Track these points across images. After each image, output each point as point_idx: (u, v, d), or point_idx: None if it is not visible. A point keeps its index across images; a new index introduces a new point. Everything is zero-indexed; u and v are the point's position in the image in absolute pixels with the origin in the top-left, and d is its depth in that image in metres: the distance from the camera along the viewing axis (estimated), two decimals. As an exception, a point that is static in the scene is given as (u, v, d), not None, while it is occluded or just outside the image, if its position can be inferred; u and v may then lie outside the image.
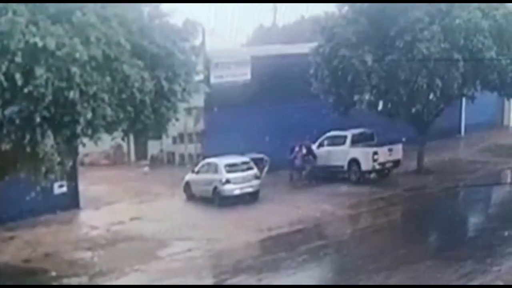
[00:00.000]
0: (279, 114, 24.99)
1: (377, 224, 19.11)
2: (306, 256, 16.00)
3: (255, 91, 24.63)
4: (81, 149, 15.86)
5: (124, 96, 14.05)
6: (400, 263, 14.90)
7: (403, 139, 23.69)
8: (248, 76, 25.34)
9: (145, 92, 14.28)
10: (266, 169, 23.05)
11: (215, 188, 21.37)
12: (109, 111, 13.84)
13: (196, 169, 22.76)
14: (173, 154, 30.88)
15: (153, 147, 30.83)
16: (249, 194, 21.41)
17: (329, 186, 22.87)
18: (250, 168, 21.68)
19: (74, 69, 12.92)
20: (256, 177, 21.69)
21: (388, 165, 23.30)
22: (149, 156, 31.58)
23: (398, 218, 20.52)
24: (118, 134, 15.33)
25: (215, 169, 21.68)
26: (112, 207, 22.46)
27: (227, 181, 21.10)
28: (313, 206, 20.44)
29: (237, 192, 21.14)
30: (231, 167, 21.32)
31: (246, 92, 24.56)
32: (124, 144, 29.55)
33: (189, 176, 22.82)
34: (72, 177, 20.75)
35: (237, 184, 21.12)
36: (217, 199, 21.28)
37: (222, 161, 21.57)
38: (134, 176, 28.13)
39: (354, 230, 18.89)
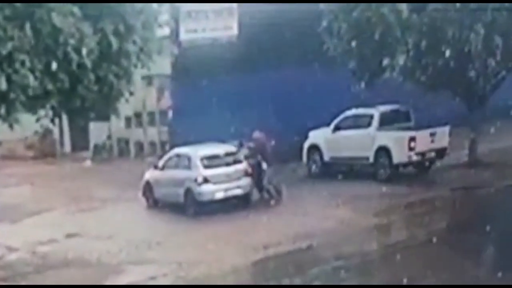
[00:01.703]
0: (278, 86, 25.03)
1: (414, 237, 18.98)
2: (318, 283, 15.85)
3: (244, 52, 24.70)
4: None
5: (53, 58, 13.57)
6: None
7: (450, 121, 23.64)
8: (235, 31, 25.25)
9: (85, 53, 13.87)
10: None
11: (188, 190, 21.39)
12: (31, 80, 13.37)
13: (161, 163, 22.67)
14: (126, 142, 30.95)
15: (97, 132, 30.76)
16: (237, 198, 21.37)
17: (348, 185, 22.77)
18: (237, 162, 21.68)
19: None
20: (247, 174, 21.57)
21: (429, 155, 23.32)
22: (91, 146, 31.58)
23: (444, 230, 20.07)
24: (45, 113, 14.64)
25: (187, 163, 21.67)
26: (38, 218, 22.49)
27: (205, 180, 21.06)
28: (326, 213, 20.40)
29: (219, 195, 21.14)
30: (211, 160, 21.35)
31: (231, 54, 24.56)
32: (55, 129, 29.07)
33: (151, 174, 22.78)
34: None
35: (220, 184, 21.14)
36: (191, 206, 21.35)
37: (197, 152, 21.55)
38: (70, 173, 28.14)
39: (383, 246, 18.63)
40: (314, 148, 24.55)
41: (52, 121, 16.58)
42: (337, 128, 24.21)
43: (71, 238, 20.19)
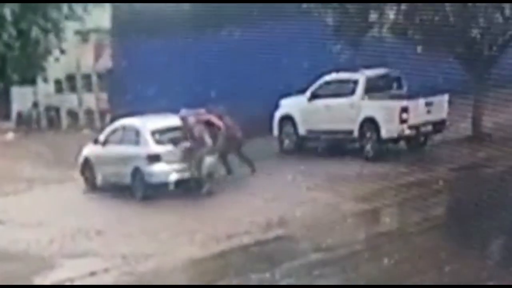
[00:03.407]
0: (241, 43, 24.77)
1: (407, 226, 19.07)
2: (291, 281, 15.91)
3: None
4: None
5: None
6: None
7: (449, 88, 23.42)
8: None
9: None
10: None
11: (135, 170, 21.49)
12: None
13: (102, 137, 22.76)
14: (57, 110, 30.87)
15: (21, 99, 30.52)
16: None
17: (328, 164, 22.77)
18: None
19: None
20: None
21: (425, 128, 23.30)
22: (14, 115, 31.35)
23: (442, 216, 20.26)
24: None
25: (135, 137, 21.84)
26: None
27: (157, 158, 21.03)
28: (302, 197, 20.26)
29: (173, 177, 21.07)
30: (164, 134, 21.48)
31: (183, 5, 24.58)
32: None
33: (91, 150, 22.93)
34: None
35: (174, 163, 21.10)
36: (139, 189, 21.42)
37: (147, 124, 21.68)
38: None
39: (370, 236, 18.57)
40: (287, 119, 24.55)
41: (-35, 84, 16.06)
42: (314, 96, 24.15)
43: (-9, 226, 20.07)
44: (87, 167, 22.62)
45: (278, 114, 24.59)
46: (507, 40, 23.50)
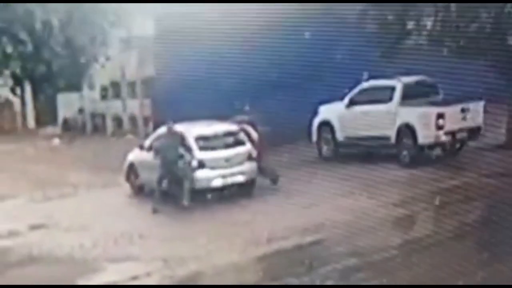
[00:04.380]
0: (282, 53, 24.58)
1: (442, 231, 18.66)
2: (329, 283, 15.76)
3: (243, 12, 24.25)
4: None
5: (9, 12, 13.17)
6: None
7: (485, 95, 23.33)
8: None
9: (50, 9, 13.55)
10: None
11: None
12: None
13: (147, 143, 22.64)
14: (102, 116, 30.85)
15: (67, 105, 30.55)
16: (238, 185, 21.40)
17: (365, 170, 22.43)
18: (240, 143, 21.69)
19: None
20: (251, 158, 21.57)
21: (461, 135, 23.23)
22: (60, 120, 31.42)
23: (477, 222, 19.87)
24: (4, 81, 14.17)
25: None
26: None
27: (201, 165, 21.05)
28: (339, 202, 20.17)
29: (217, 182, 21.15)
30: (208, 141, 21.46)
31: (229, 11, 24.23)
32: (16, 100, 29.17)
33: (136, 155, 22.86)
34: None
35: (218, 169, 21.12)
36: (184, 194, 21.00)
37: (191, 131, 21.56)
38: (34, 153, 28.01)
39: (406, 241, 18.35)
40: (326, 125, 24.52)
41: (13, 90, 16.09)
42: (352, 103, 24.13)
43: (36, 230, 20.15)
44: (132, 172, 22.66)
45: (316, 121, 24.58)
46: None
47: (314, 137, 24.66)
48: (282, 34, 24.78)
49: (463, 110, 22.94)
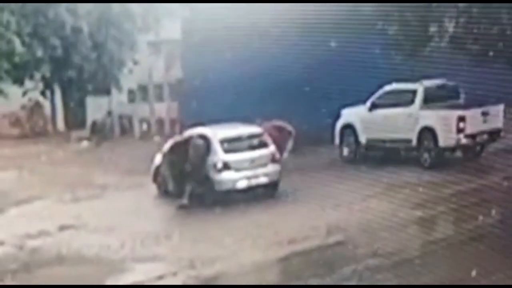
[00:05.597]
0: (306, 56, 24.44)
1: (462, 233, 18.61)
2: (351, 283, 15.79)
3: (267, 17, 24.14)
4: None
5: (42, 19, 13.22)
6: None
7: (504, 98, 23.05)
8: None
9: (80, 14, 13.60)
10: (290, 145, 22.89)
11: (206, 178, 21.44)
12: (17, 45, 12.84)
13: None
14: (130, 119, 30.83)
15: (95, 108, 30.54)
16: (263, 186, 21.41)
17: (387, 172, 22.33)
18: (264, 145, 21.71)
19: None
20: (274, 160, 21.52)
21: (481, 138, 23.10)
22: (89, 123, 31.34)
23: (497, 224, 19.43)
24: (35, 85, 14.17)
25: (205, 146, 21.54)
26: (27, 208, 22.41)
27: (226, 166, 21.03)
28: (361, 204, 20.20)
29: (242, 184, 21.15)
30: (232, 143, 21.46)
31: (251, 19, 24.23)
32: (46, 103, 29.12)
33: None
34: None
35: (243, 171, 21.09)
36: (209, 195, 21.19)
37: (217, 133, 21.53)
38: (64, 155, 28.11)
39: (426, 242, 18.36)
40: (348, 128, 24.52)
41: (43, 94, 16.15)
42: (374, 106, 24.10)
43: (65, 230, 20.19)
44: (159, 174, 22.52)
45: (339, 124, 24.52)
46: None
47: (337, 140, 24.64)
48: (307, 37, 24.81)
49: (483, 113, 22.83)
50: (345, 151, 24.43)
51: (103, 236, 19.26)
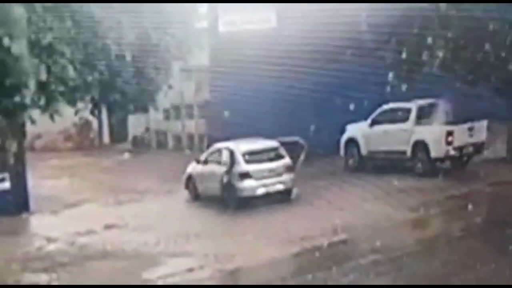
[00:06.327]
0: (317, 80, 24.21)
1: (451, 232, 18.70)
2: (353, 277, 15.67)
3: (283, 46, 23.97)
4: (30, 128, 14.87)
5: (92, 49, 13.45)
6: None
7: (487, 115, 23.03)
8: (273, 23, 24.80)
9: (124, 45, 13.83)
10: (302, 157, 22.61)
11: (229, 185, 21.27)
12: (71, 71, 13.08)
13: (203, 157, 22.64)
14: (165, 134, 30.74)
15: (136, 124, 30.72)
16: (279, 193, 21.20)
17: (385, 179, 22.40)
18: (280, 157, 21.48)
19: (17, 10, 12.23)
20: (289, 169, 21.32)
21: (467, 150, 22.93)
22: (130, 138, 31.54)
23: (481, 224, 19.47)
24: (85, 105, 14.45)
25: (230, 157, 21.42)
26: (77, 210, 22.39)
27: (247, 175, 20.89)
28: (363, 207, 20.14)
29: (261, 191, 20.98)
30: (253, 155, 21.25)
31: (270, 48, 24.03)
32: (94, 121, 29.36)
33: (193, 167, 22.72)
34: (17, 168, 20.01)
35: (261, 179, 20.95)
36: (232, 200, 21.11)
37: (239, 147, 21.43)
38: (108, 165, 28.12)
39: (420, 240, 18.26)
40: (352, 142, 24.27)
41: (92, 113, 16.40)
42: (374, 122, 23.90)
43: (109, 229, 20.18)
44: (190, 182, 22.50)
45: (344, 138, 24.31)
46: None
47: (342, 152, 24.42)
48: (316, 68, 24.42)
49: (469, 129, 22.63)
50: (350, 161, 24.22)
51: (141, 234, 19.26)
